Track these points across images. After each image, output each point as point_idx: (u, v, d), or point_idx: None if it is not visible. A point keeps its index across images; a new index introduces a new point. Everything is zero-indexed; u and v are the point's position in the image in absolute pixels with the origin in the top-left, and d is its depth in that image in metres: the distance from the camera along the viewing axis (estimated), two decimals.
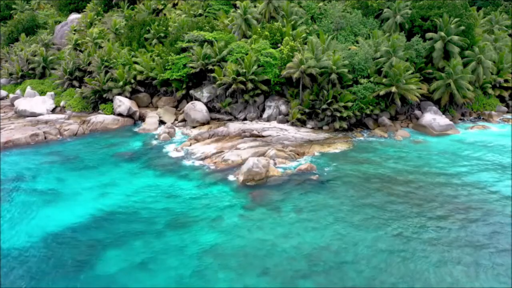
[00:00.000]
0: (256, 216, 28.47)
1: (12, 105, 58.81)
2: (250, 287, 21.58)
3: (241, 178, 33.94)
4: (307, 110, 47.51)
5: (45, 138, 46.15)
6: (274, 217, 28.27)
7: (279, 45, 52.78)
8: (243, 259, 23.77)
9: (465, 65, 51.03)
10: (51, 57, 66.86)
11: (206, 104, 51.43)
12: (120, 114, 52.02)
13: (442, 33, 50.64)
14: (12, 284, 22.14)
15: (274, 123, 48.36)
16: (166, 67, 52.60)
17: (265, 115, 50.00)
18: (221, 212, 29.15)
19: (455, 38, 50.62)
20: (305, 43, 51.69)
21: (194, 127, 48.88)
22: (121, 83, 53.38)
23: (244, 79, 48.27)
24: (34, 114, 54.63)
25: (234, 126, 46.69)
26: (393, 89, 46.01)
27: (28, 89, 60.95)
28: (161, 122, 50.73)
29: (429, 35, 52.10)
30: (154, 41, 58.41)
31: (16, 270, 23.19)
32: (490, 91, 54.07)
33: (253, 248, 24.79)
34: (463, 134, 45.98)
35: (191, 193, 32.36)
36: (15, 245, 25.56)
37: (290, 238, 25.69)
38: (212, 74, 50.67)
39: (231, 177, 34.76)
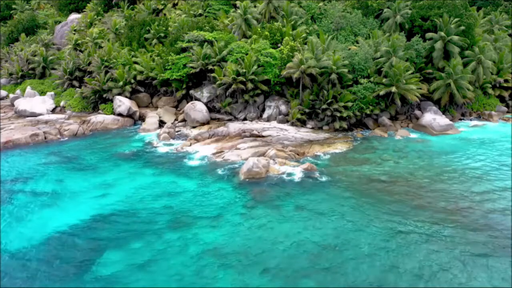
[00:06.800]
0: (256, 215, 28.49)
1: (12, 105, 58.83)
2: (251, 287, 21.55)
3: (241, 177, 33.99)
4: (307, 110, 47.51)
5: (45, 138, 46.14)
6: (274, 216, 28.28)
7: (279, 45, 52.78)
8: (244, 257, 23.75)
9: (465, 65, 51.04)
10: (51, 57, 66.87)
11: (206, 104, 51.43)
12: (120, 114, 52.03)
13: (442, 33, 50.66)
14: (12, 284, 22.10)
15: (274, 123, 48.35)
16: (166, 67, 52.60)
17: (265, 115, 49.99)
18: (221, 211, 29.16)
19: (455, 38, 50.64)
20: (305, 43, 51.70)
21: (194, 127, 48.89)
22: (121, 83, 53.38)
23: (244, 79, 48.26)
24: (34, 114, 54.63)
25: (234, 126, 46.69)
26: (393, 89, 46.03)
27: (28, 89, 60.96)
28: (161, 122, 50.69)
29: (429, 35, 52.11)
30: (154, 41, 58.43)
31: (16, 271, 23.13)
32: (490, 91, 54.07)
33: (254, 246, 24.78)
34: (463, 134, 45.95)
35: (191, 192, 32.34)
36: (15, 245, 25.51)
37: (290, 237, 25.69)
38: (212, 74, 50.67)
39: (231, 177, 34.77)
